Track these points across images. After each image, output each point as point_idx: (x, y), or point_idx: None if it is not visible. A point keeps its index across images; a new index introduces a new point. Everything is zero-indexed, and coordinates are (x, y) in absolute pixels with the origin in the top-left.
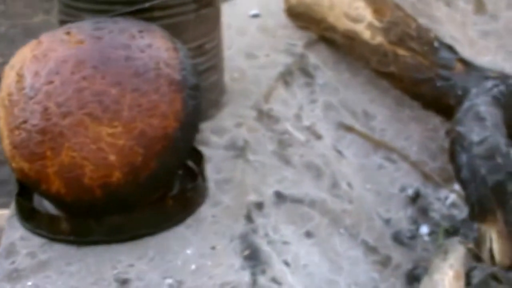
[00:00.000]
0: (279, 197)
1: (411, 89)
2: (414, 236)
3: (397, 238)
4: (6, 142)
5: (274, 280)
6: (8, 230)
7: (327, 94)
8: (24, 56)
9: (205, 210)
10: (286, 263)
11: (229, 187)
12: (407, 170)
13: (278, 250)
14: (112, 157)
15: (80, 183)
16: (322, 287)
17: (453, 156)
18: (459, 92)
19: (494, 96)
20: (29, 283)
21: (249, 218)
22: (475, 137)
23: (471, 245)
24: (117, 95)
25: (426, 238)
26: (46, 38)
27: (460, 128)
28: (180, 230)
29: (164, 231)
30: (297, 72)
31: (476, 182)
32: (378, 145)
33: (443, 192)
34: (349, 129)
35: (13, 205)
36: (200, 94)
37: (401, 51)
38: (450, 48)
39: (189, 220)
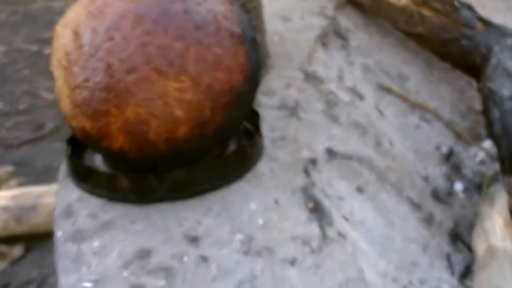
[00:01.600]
0: (330, 153)
1: (439, 49)
2: (451, 193)
3: (436, 195)
4: (66, 102)
5: (340, 234)
6: (63, 192)
7: (363, 56)
8: (78, 14)
9: (263, 166)
10: (345, 218)
11: (284, 144)
12: (440, 129)
13: (335, 205)
14: (179, 112)
15: (145, 138)
16: (380, 242)
17: (486, 113)
18: (483, 50)
19: None
20: (96, 243)
21: (306, 173)
22: (506, 92)
23: None
24: (181, 49)
25: (461, 195)
26: None
27: (491, 84)
28: (241, 185)
29: (225, 186)
30: (332, 35)
31: (508, 137)
32: (414, 105)
33: (472, 150)
34: (387, 90)
35: (64, 167)
36: (258, 47)
37: (426, 11)
38: (470, 8)
39: (248, 176)
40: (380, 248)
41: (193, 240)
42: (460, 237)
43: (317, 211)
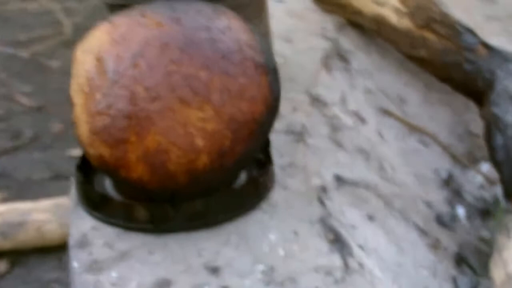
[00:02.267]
0: (339, 180)
1: (441, 73)
2: (453, 217)
3: (440, 221)
4: (84, 128)
5: (360, 263)
6: (76, 221)
7: (365, 79)
8: (100, 40)
9: (276, 195)
10: (360, 247)
11: (293, 171)
12: (439, 153)
13: (351, 233)
14: (200, 142)
15: (164, 168)
16: (393, 269)
17: (489, 138)
18: (486, 75)
19: None
20: (114, 274)
21: (321, 201)
22: (510, 119)
23: None
24: (206, 78)
25: (464, 221)
26: (121, 21)
27: (495, 110)
28: (257, 215)
29: (241, 217)
30: (334, 57)
31: (511, 163)
32: (414, 128)
33: (471, 174)
34: (388, 113)
35: (74, 194)
36: (279, 77)
37: (428, 35)
38: (472, 32)
39: (263, 205)
40: (393, 274)
41: (214, 270)
42: (465, 261)
43: (337, 241)
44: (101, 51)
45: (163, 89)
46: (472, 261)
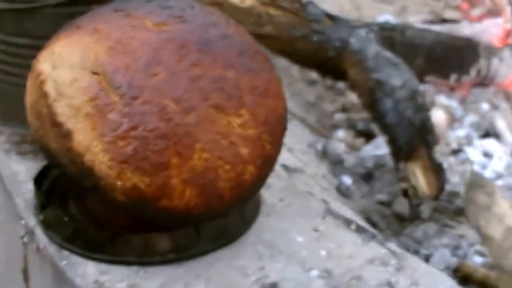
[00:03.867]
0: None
1: (289, 47)
2: (347, 188)
3: (341, 192)
4: (101, 158)
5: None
6: (74, 270)
7: None
8: (90, 51)
9: (268, 196)
10: None
11: None
12: (301, 128)
13: None
14: (244, 151)
15: (214, 188)
16: None
17: (374, 104)
18: (337, 43)
19: (376, 41)
20: None
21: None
22: (396, 82)
23: None
24: (234, 78)
25: (352, 187)
26: (104, 25)
27: (377, 76)
28: (264, 221)
29: (251, 226)
30: None
31: (403, 124)
32: None
33: (334, 143)
34: None
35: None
36: None
37: (273, 11)
38: (315, 4)
39: (263, 209)
40: None
41: (273, 286)
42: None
43: (360, 229)
44: (98, 64)
45: (194, 97)
46: (381, 223)
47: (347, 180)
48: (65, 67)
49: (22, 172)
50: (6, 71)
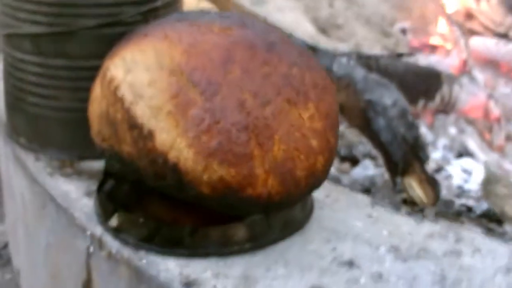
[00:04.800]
0: None
1: None
2: None
3: None
4: (186, 154)
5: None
6: (159, 266)
7: None
8: (164, 54)
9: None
10: None
11: None
12: None
13: None
14: (314, 143)
15: (293, 177)
16: None
17: (367, 124)
18: None
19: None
20: None
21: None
22: (387, 101)
23: None
24: (299, 75)
25: None
26: (171, 32)
27: (370, 96)
28: (317, 211)
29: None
30: None
31: (397, 141)
32: None
33: None
34: None
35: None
36: None
37: None
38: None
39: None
40: None
41: (350, 264)
42: None
43: (410, 213)
44: (175, 64)
45: (268, 92)
46: None
47: None
48: (141, 70)
49: (73, 190)
50: (43, 95)
